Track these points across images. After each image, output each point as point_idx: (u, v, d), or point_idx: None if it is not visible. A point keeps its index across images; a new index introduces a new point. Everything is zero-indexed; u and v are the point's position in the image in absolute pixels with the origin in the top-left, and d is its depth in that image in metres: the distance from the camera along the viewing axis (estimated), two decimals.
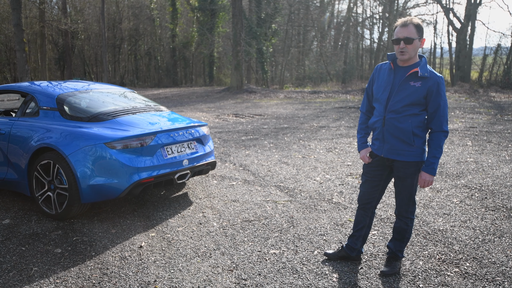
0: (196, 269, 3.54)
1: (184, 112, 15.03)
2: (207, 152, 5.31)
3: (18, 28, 22.16)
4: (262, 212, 4.81)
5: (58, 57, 43.19)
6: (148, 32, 42.21)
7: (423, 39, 3.12)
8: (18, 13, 22.14)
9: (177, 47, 39.09)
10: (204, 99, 20.71)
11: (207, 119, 12.89)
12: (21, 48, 22.33)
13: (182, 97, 22.38)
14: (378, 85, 3.28)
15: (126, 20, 41.96)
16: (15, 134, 4.88)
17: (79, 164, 4.36)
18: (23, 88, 5.27)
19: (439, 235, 4.12)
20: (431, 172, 3.14)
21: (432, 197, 5.21)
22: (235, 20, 22.99)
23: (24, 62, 22.50)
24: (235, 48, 23.12)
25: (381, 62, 3.39)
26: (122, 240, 4.11)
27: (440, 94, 3.09)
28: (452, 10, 28.07)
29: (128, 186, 4.43)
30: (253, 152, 7.91)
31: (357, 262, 3.60)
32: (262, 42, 25.96)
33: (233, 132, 10.35)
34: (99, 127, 4.61)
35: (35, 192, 4.71)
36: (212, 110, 15.77)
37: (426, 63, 3.14)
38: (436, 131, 3.14)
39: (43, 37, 32.13)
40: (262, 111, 14.89)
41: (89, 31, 42.36)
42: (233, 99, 20.24)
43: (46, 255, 3.81)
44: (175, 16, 37.54)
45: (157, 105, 5.78)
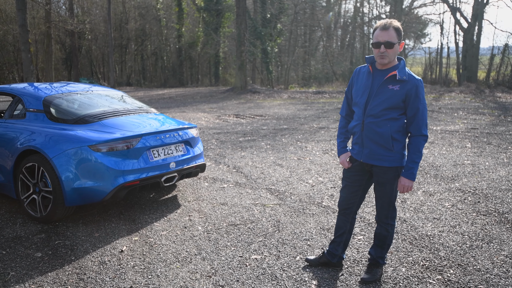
0: (174, 274, 3.48)
1: (186, 112, 15.02)
2: (195, 155, 5.26)
3: (23, 29, 22.30)
4: (249, 215, 4.74)
5: (65, 57, 43.48)
6: (154, 32, 42.31)
7: (402, 42, 3.04)
8: (24, 14, 22.27)
9: (183, 47, 39.15)
10: (208, 99, 20.68)
11: (208, 120, 12.85)
12: (26, 49, 22.46)
13: (186, 97, 22.38)
14: (357, 89, 3.20)
15: (132, 21, 42.11)
16: (1, 136, 4.87)
17: (63, 167, 4.33)
18: (11, 90, 5.26)
19: (426, 240, 4.03)
20: (411, 177, 3.06)
21: (423, 201, 5.12)
22: (239, 20, 22.94)
23: (29, 62, 22.62)
24: (239, 48, 23.07)
25: (360, 65, 3.32)
26: (104, 244, 4.07)
27: (419, 97, 3.00)
28: (459, 10, 27.80)
29: (112, 189, 4.39)
30: (248, 154, 7.85)
31: (338, 268, 3.52)
32: (267, 42, 25.87)
33: (232, 133, 10.29)
34: (84, 130, 4.58)
35: (21, 194, 4.69)
36: (214, 110, 15.73)
37: (404, 65, 3.06)
38: (415, 135, 3.06)
39: (49, 38, 32.25)
40: (264, 112, 14.82)
41: (96, 32, 42.56)
42: (237, 100, 20.19)
43: (26, 259, 3.78)
44: (181, 16, 37.60)
45: (147, 107, 5.74)
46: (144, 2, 41.37)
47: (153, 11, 40.50)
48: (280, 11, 26.63)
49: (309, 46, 36.58)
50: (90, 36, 42.51)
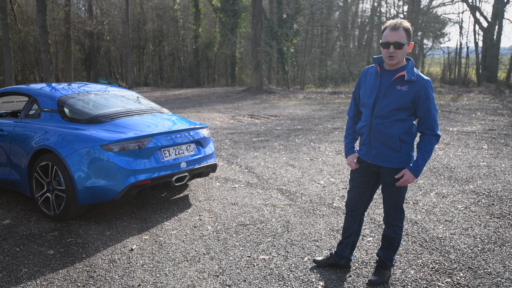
0: (182, 273, 3.51)
1: (201, 112, 15.10)
2: (206, 155, 5.29)
3: (43, 30, 22.68)
4: (259, 216, 4.75)
5: (84, 57, 44.08)
6: (171, 33, 42.64)
7: (411, 43, 3.01)
8: (43, 15, 22.66)
9: (199, 47, 39.36)
10: (224, 100, 20.75)
11: (222, 120, 12.90)
12: (46, 50, 22.84)
13: (202, 98, 22.49)
14: (365, 89, 3.18)
15: (150, 22, 42.50)
16: (17, 135, 4.96)
17: (76, 166, 4.40)
18: (26, 90, 5.36)
19: (437, 243, 3.98)
20: (415, 173, 3.01)
21: (436, 203, 5.06)
22: (255, 20, 22.96)
23: (49, 63, 23.00)
24: (254, 48, 23.09)
25: (368, 66, 3.29)
26: (114, 242, 4.12)
27: (429, 98, 2.97)
28: (478, 9, 27.36)
29: (123, 188, 4.45)
30: (261, 154, 7.85)
31: (346, 269, 3.51)
32: (283, 42, 25.84)
33: (245, 133, 10.32)
34: (96, 129, 4.64)
35: (35, 193, 4.78)
36: (229, 110, 15.78)
37: (413, 66, 3.03)
38: (428, 134, 3.03)
39: (69, 39, 32.76)
40: (278, 112, 14.81)
41: (114, 33, 43.08)
42: (252, 100, 20.21)
43: (38, 256, 3.85)
44: (198, 17, 37.83)
45: (160, 107, 5.79)
46: (162, 3, 41.73)
47: (170, 12, 40.82)
48: (296, 11, 26.58)
49: (326, 46, 36.42)
50: (108, 37, 43.05)
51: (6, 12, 26.64)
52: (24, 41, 39.19)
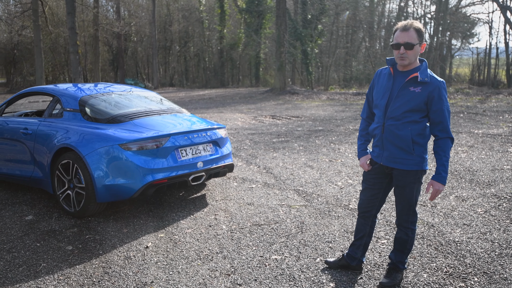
0: (194, 271, 3.56)
1: (223, 113, 15.20)
2: (223, 155, 5.34)
3: (72, 32, 23.22)
4: (274, 216, 4.77)
5: (112, 58, 44.93)
6: (197, 34, 43.03)
7: (423, 43, 2.98)
8: (73, 17, 23.21)
9: (224, 48, 39.59)
10: (247, 100, 20.83)
11: (244, 120, 12.96)
12: (75, 51, 23.39)
13: (225, 98, 22.63)
14: (378, 91, 3.17)
15: (176, 23, 43.01)
16: (41, 134, 5.12)
17: (95, 165, 4.51)
18: (50, 90, 5.52)
19: (453, 246, 3.92)
20: (442, 181, 2.99)
21: (455, 206, 4.97)
22: (279, 21, 22.97)
23: (77, 63, 23.53)
24: (278, 49, 23.10)
25: (382, 67, 3.28)
26: (131, 239, 4.21)
27: (442, 99, 2.94)
28: (509, 8, 26.66)
29: (141, 187, 4.54)
30: (280, 155, 7.87)
31: (358, 271, 3.49)
32: (307, 43, 25.76)
33: (266, 134, 10.34)
34: (115, 129, 4.75)
35: (57, 190, 4.92)
36: (252, 111, 15.83)
37: (426, 67, 3.00)
38: (443, 138, 3.00)
39: (97, 40, 33.46)
40: (301, 113, 14.78)
41: (141, 34, 43.75)
42: (275, 100, 20.23)
43: (57, 251, 3.97)
44: (223, 18, 38.06)
45: (179, 107, 5.87)
46: (188, 4, 42.17)
47: (196, 13, 41.22)
48: (320, 12, 26.46)
49: (351, 46, 36.10)
50: (135, 38, 43.76)
51: (38, 14, 27.40)
52: (54, 42, 40.23)
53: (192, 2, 41.93)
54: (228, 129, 11.22)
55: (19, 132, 5.32)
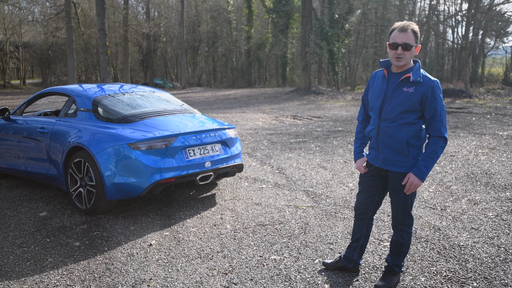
0: (193, 270, 3.62)
1: (246, 113, 15.27)
2: (232, 155, 5.39)
3: (102, 33, 23.79)
4: (280, 216, 4.79)
5: (142, 58, 45.74)
6: (224, 34, 43.33)
7: (418, 45, 2.96)
8: (102, 19, 23.77)
9: (251, 48, 39.72)
10: (271, 100, 20.85)
11: (265, 120, 12.99)
12: (104, 51, 23.95)
13: (250, 98, 22.71)
14: (372, 93, 3.15)
15: (204, 23, 43.43)
16: (56, 133, 5.29)
17: (105, 163, 4.64)
18: (66, 90, 5.70)
19: (456, 251, 3.84)
20: (419, 176, 2.94)
21: (465, 210, 4.87)
22: (305, 21, 22.89)
23: (106, 64, 24.08)
24: (303, 49, 23.03)
25: (376, 70, 3.26)
26: (136, 237, 4.30)
27: (436, 98, 2.91)
28: None
29: (148, 186, 4.64)
30: (295, 155, 7.86)
31: (355, 273, 3.47)
32: (333, 43, 25.56)
33: (285, 134, 10.35)
34: (125, 128, 4.86)
35: (70, 187, 5.07)
36: (274, 111, 15.85)
37: (419, 67, 2.97)
38: (434, 136, 2.96)
39: (126, 40, 34.14)
40: (323, 113, 14.71)
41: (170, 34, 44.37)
42: (299, 101, 20.18)
43: (65, 247, 4.10)
44: (251, 18, 38.21)
45: (190, 108, 5.96)
46: (216, 5, 42.51)
47: (224, 13, 41.51)
48: (348, 11, 26.21)
49: (379, 46, 35.60)
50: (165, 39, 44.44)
51: (70, 16, 28.16)
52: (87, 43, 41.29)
53: (220, 2, 42.27)
54: (247, 129, 11.28)
55: (36, 131, 5.52)
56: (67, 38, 28.58)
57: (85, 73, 46.95)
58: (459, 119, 12.45)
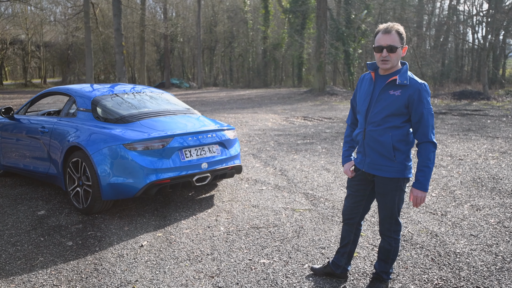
0: (180, 272, 3.59)
1: (257, 113, 15.22)
2: (230, 156, 5.35)
3: (118, 33, 24.04)
4: (275, 219, 4.73)
5: (159, 58, 46.10)
6: (241, 34, 43.37)
7: (404, 46, 2.87)
8: (118, 19, 24.01)
9: (267, 48, 39.67)
10: (284, 101, 20.77)
11: (275, 121, 12.92)
12: (120, 51, 24.18)
13: (263, 98, 22.66)
14: (360, 96, 3.08)
15: (221, 23, 43.54)
16: (56, 132, 5.33)
17: (100, 163, 4.65)
18: (67, 90, 5.74)
19: (451, 258, 3.73)
20: (421, 188, 2.87)
21: (466, 216, 4.74)
22: (319, 21, 22.73)
23: (122, 63, 24.32)
24: (318, 49, 22.87)
25: (365, 72, 3.18)
26: (129, 238, 4.30)
27: (422, 102, 2.82)
28: None
29: (143, 186, 4.63)
30: (300, 157, 7.79)
31: (343, 280, 3.40)
32: (349, 43, 25.33)
33: (292, 135, 10.27)
34: (122, 129, 4.87)
35: (68, 187, 5.10)
36: (286, 112, 15.77)
37: (407, 70, 2.88)
38: (423, 142, 2.87)
39: (143, 40, 34.42)
40: (334, 114, 14.57)
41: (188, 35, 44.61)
42: (312, 101, 20.04)
43: (58, 246, 4.12)
44: (267, 18, 38.16)
45: (190, 109, 5.94)
46: (233, 5, 42.59)
47: (240, 13, 41.54)
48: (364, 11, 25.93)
49: None
50: (182, 39, 44.69)
51: (89, 16, 28.51)
52: (105, 43, 41.80)
53: (237, 2, 42.34)
54: (256, 129, 11.24)
55: (38, 130, 5.57)
56: (85, 38, 28.94)
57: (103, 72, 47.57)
58: (473, 122, 12.19)
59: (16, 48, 46.23)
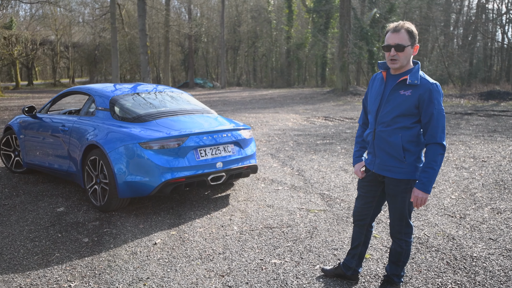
0: (191, 271, 3.61)
1: (278, 113, 15.20)
2: (246, 156, 5.35)
3: (142, 33, 24.38)
4: (289, 219, 4.71)
5: (184, 58, 46.51)
6: (264, 34, 43.38)
7: (416, 45, 2.81)
8: (143, 20, 24.34)
9: (291, 48, 39.56)
10: (306, 101, 20.67)
11: (295, 121, 12.88)
12: (144, 51, 24.51)
13: (285, 98, 22.61)
14: (371, 96, 3.04)
15: (244, 23, 43.64)
16: (75, 131, 5.43)
17: (117, 162, 4.72)
18: (87, 90, 5.85)
19: (468, 262, 3.65)
20: (423, 189, 2.80)
21: (486, 219, 4.62)
22: (343, 20, 22.54)
23: (146, 63, 24.65)
24: (341, 49, 22.68)
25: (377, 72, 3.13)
26: (143, 235, 4.35)
27: (433, 102, 2.75)
28: None
29: (158, 185, 4.68)
30: (318, 157, 7.73)
31: (354, 281, 3.36)
32: (373, 43, 25.03)
33: (312, 135, 10.21)
34: (138, 128, 4.93)
35: (86, 184, 5.20)
36: (307, 112, 15.69)
37: (418, 69, 2.82)
38: (430, 143, 2.80)
39: (167, 41, 34.79)
40: (356, 115, 14.42)
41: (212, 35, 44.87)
42: (335, 101, 19.89)
43: (74, 243, 4.20)
44: (291, 18, 38.07)
45: (207, 108, 5.97)
46: (256, 5, 42.64)
47: (264, 13, 41.56)
48: (389, 10, 25.58)
49: (422, 46, 34.55)
50: (206, 39, 44.99)
51: (115, 17, 28.98)
52: (131, 43, 42.45)
53: (261, 2, 42.36)
54: (276, 129, 11.22)
55: (59, 129, 5.69)
56: (111, 38, 29.43)
57: (129, 72, 48.34)
58: (500, 123, 11.88)
59: (46, 48, 47.43)
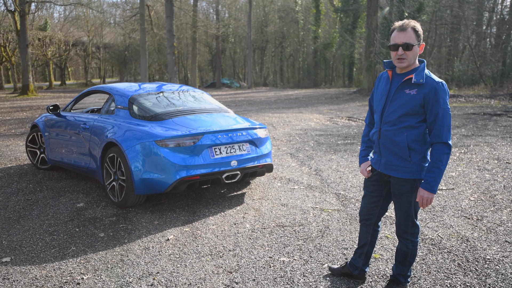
0: (200, 267, 3.67)
1: (302, 113, 15.16)
2: (261, 155, 5.38)
3: (170, 34, 24.71)
4: (302, 218, 4.72)
5: (211, 58, 46.90)
6: (291, 34, 43.29)
7: (422, 44, 2.78)
8: (171, 20, 24.68)
9: (318, 48, 39.35)
10: (331, 101, 20.54)
11: (318, 121, 12.82)
12: (171, 52, 24.85)
13: (311, 98, 22.52)
14: (376, 95, 3.02)
15: (272, 24, 43.66)
16: (95, 129, 5.58)
17: (133, 159, 4.83)
18: (108, 89, 6.00)
19: (480, 264, 3.58)
20: (429, 189, 2.77)
21: (504, 221, 4.51)
22: (370, 20, 22.29)
23: (173, 64, 24.98)
24: (368, 49, 22.42)
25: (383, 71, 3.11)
26: (157, 231, 4.44)
27: (438, 101, 2.72)
28: None
29: (173, 182, 4.77)
30: (338, 157, 7.69)
31: (360, 281, 3.35)
32: None
33: (334, 135, 10.15)
34: (155, 126, 5.03)
35: (105, 181, 5.34)
36: (331, 112, 15.60)
37: (424, 68, 2.79)
38: (436, 143, 2.77)
39: (194, 41, 35.14)
40: None
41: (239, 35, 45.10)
42: (360, 102, 19.69)
43: (90, 237, 4.32)
44: (318, 17, 37.87)
45: (224, 107, 6.03)
46: (284, 5, 42.60)
47: (291, 13, 41.47)
48: (418, 9, 25.13)
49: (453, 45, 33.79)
50: (233, 39, 45.25)
51: (144, 18, 29.49)
52: (160, 44, 43.08)
53: (288, 2, 42.31)
54: (298, 129, 11.21)
55: (80, 127, 5.86)
56: (140, 39, 29.96)
57: (158, 72, 49.09)
58: None
59: (78, 49, 48.67)
